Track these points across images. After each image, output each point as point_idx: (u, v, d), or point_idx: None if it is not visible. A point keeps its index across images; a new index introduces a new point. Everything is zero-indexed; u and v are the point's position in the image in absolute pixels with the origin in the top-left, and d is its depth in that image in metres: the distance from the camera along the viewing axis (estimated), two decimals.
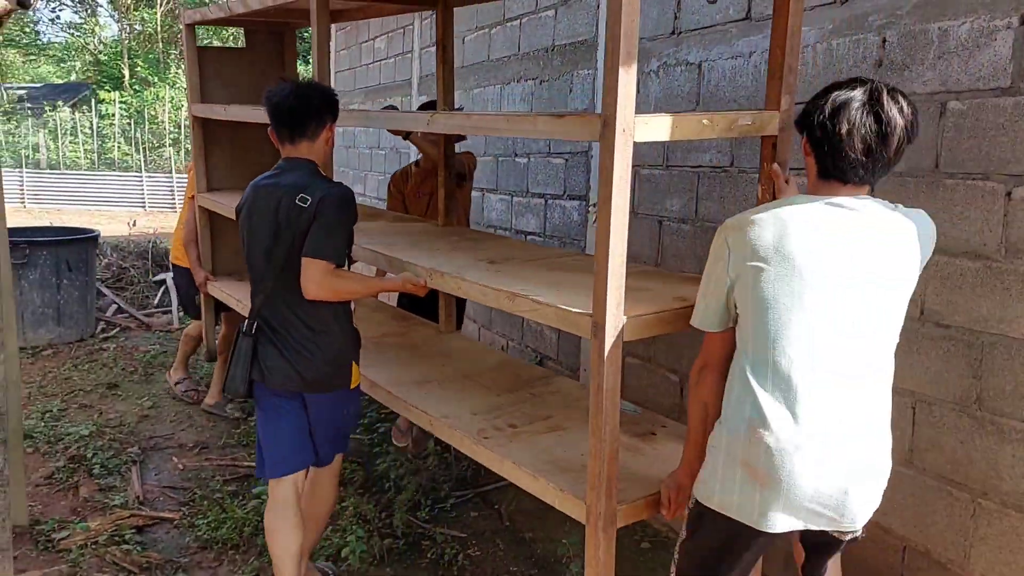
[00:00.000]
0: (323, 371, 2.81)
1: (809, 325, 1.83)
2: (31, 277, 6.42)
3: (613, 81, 1.99)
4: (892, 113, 1.81)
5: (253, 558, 3.42)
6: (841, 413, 1.84)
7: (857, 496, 1.88)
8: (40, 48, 32.92)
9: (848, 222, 1.84)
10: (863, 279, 1.83)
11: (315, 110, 2.83)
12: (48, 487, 4.02)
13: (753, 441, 1.86)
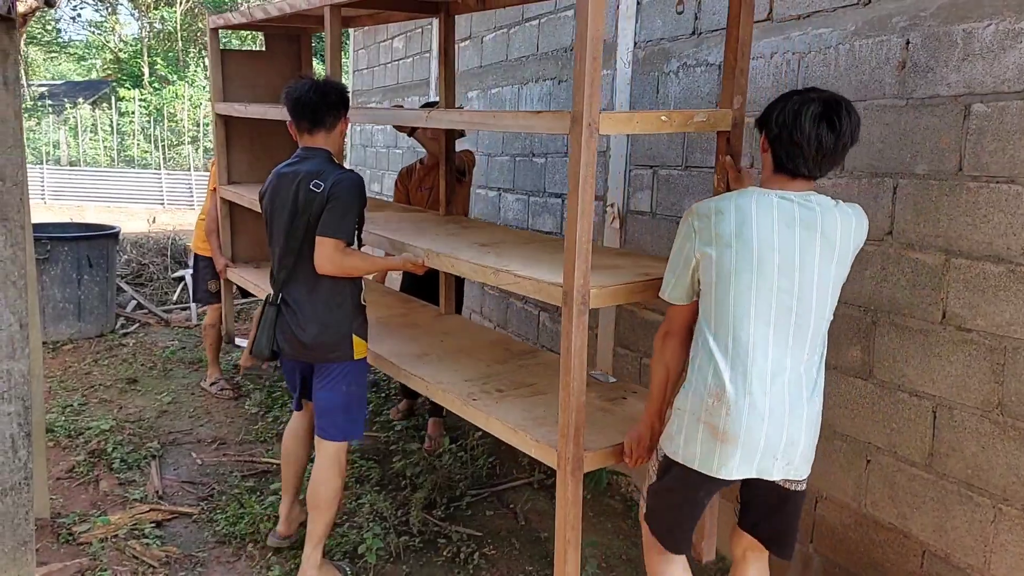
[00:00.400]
0: (324, 341, 3.08)
1: (763, 302, 2.14)
2: (52, 273, 6.48)
3: (580, 81, 2.27)
4: (844, 122, 2.10)
5: (271, 553, 3.44)
6: (789, 378, 2.17)
7: (802, 447, 2.22)
8: (61, 46, 33.20)
9: (797, 214, 2.14)
10: (808, 263, 2.13)
11: (332, 104, 3.11)
12: (69, 481, 4.06)
13: (714, 404, 2.19)
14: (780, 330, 2.15)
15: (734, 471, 2.21)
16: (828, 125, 2.10)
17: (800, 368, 2.18)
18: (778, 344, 2.16)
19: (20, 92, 2.44)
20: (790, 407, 2.17)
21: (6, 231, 2.40)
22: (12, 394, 2.45)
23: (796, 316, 2.15)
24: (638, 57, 3.96)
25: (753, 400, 2.15)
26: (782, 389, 2.16)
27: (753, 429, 2.16)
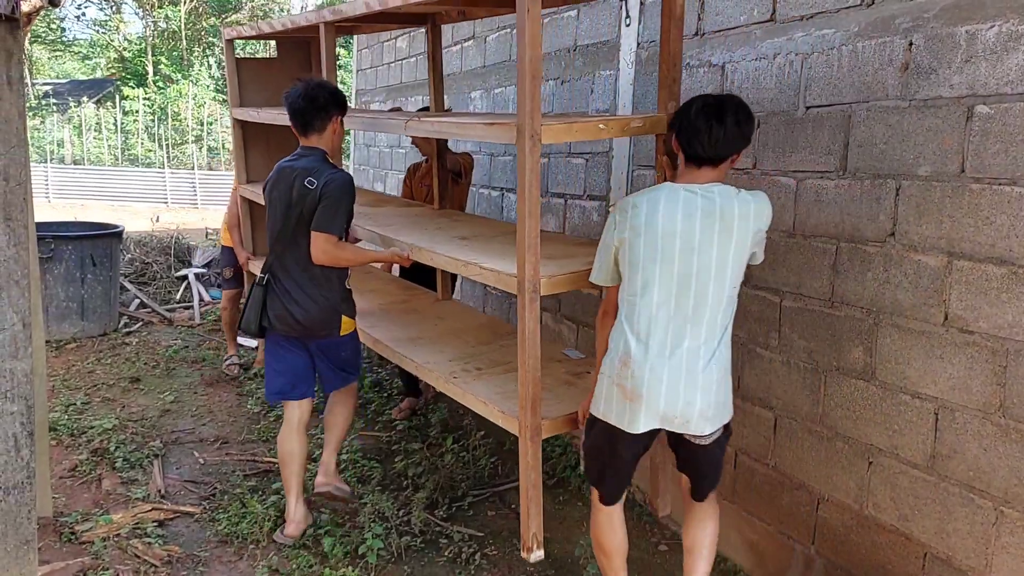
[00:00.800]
0: (316, 320, 3.42)
1: (665, 283, 2.49)
2: (56, 271, 6.49)
3: (522, 95, 2.55)
4: (730, 115, 2.49)
5: (273, 553, 3.45)
6: (688, 348, 2.51)
7: (699, 408, 2.53)
8: (66, 45, 33.25)
9: (699, 203, 2.47)
10: (706, 247, 2.46)
11: (321, 107, 3.41)
12: (72, 480, 4.07)
13: (623, 368, 2.55)
14: (680, 306, 2.50)
15: (640, 426, 2.57)
16: (716, 118, 2.49)
17: (700, 340, 2.51)
18: (678, 318, 2.50)
19: (24, 91, 2.44)
20: (687, 373, 2.51)
21: (9, 230, 2.40)
22: (15, 393, 2.46)
23: (695, 294, 2.48)
24: (641, 58, 3.96)
25: (653, 366, 2.51)
26: (680, 357, 2.51)
27: (653, 390, 2.52)
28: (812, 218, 3.02)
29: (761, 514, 3.35)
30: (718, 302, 2.51)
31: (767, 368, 3.27)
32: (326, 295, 3.42)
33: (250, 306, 3.49)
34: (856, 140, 2.83)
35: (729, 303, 2.55)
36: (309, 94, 3.39)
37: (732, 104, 2.54)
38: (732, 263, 2.49)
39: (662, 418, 2.56)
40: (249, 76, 5.53)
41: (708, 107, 2.51)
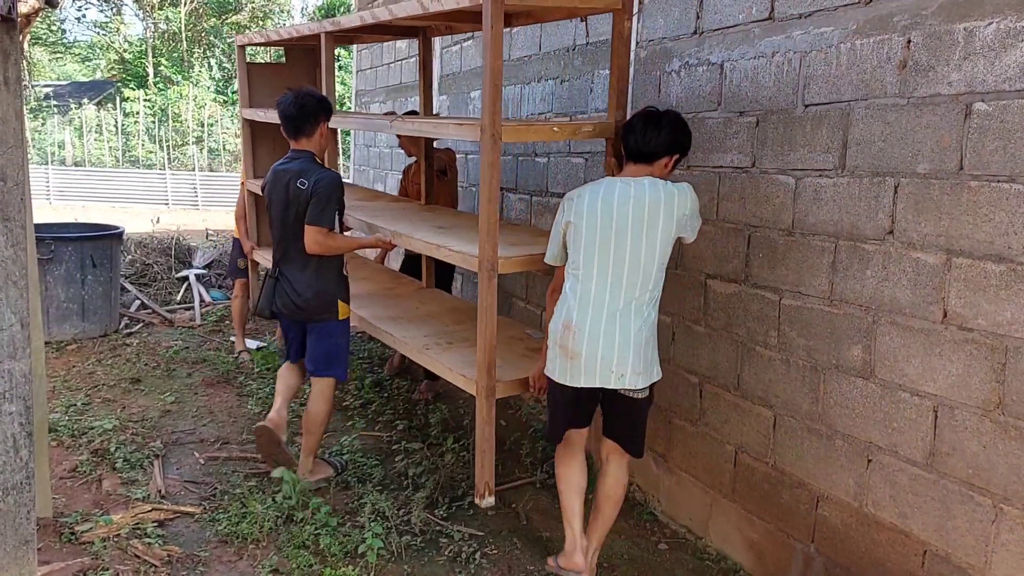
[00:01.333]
0: (314, 304, 3.87)
1: (600, 259, 2.95)
2: (56, 273, 6.49)
3: (486, 100, 3.08)
4: (664, 122, 3.00)
5: (273, 553, 3.45)
6: (621, 313, 2.95)
7: (631, 364, 2.96)
8: (66, 46, 33.28)
9: (630, 192, 2.93)
10: (635, 229, 2.90)
11: (310, 114, 3.82)
12: (72, 480, 4.07)
13: (564, 331, 3.01)
14: (613, 278, 2.95)
15: (581, 380, 3.01)
16: (653, 123, 3.00)
17: (630, 306, 2.96)
18: (612, 289, 2.95)
19: (22, 92, 2.44)
20: (619, 334, 2.95)
21: (7, 231, 2.40)
22: (13, 394, 2.46)
23: (627, 268, 2.93)
24: (640, 56, 3.96)
25: (589, 328, 2.95)
26: (613, 321, 2.95)
27: (589, 349, 2.96)
28: (811, 216, 3.02)
29: (760, 512, 3.35)
30: (647, 275, 2.96)
31: (766, 366, 3.27)
32: (323, 284, 3.86)
33: (264, 294, 4.00)
34: (855, 138, 2.83)
35: (658, 276, 3.00)
36: (299, 102, 3.79)
37: (671, 115, 3.04)
38: (659, 242, 2.94)
39: (600, 375, 2.98)
40: (258, 80, 6.00)
41: (649, 115, 3.03)
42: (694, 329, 3.68)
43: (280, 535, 3.59)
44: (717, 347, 3.54)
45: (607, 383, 2.99)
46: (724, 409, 3.52)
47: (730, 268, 3.44)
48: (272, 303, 3.96)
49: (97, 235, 6.98)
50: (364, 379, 5.73)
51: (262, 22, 30.13)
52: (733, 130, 3.38)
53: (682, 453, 3.80)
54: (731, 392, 3.47)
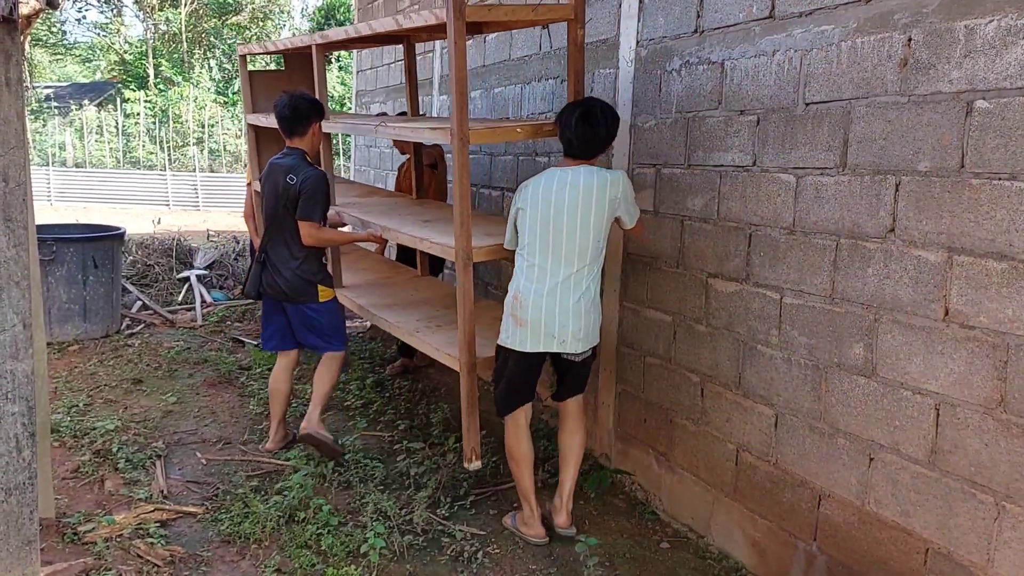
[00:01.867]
0: (295, 286, 4.26)
1: (544, 238, 3.34)
2: (58, 273, 6.49)
3: (455, 107, 3.45)
4: (600, 119, 3.35)
5: (275, 553, 3.45)
6: (561, 285, 3.34)
7: (571, 331, 3.37)
8: (67, 48, 33.31)
9: (568, 180, 3.33)
10: (572, 211, 3.30)
11: (303, 115, 4.21)
12: (74, 480, 4.07)
13: (515, 302, 3.42)
14: (555, 254, 3.34)
15: (528, 346, 3.41)
16: (588, 123, 3.34)
17: (570, 279, 3.34)
18: (554, 263, 3.35)
19: (23, 93, 2.44)
20: (560, 304, 3.35)
21: (10, 231, 2.41)
22: (16, 394, 2.46)
23: (566, 246, 3.32)
24: (640, 55, 3.96)
25: (536, 299, 3.35)
26: (555, 292, 3.34)
27: (534, 316, 3.36)
28: (812, 215, 3.02)
29: (763, 511, 3.35)
30: (584, 251, 3.34)
31: (768, 365, 3.27)
32: (303, 268, 4.26)
33: (251, 277, 4.42)
34: (856, 136, 2.83)
35: (594, 252, 3.37)
36: (293, 104, 4.20)
37: (606, 111, 3.37)
38: (594, 223, 3.32)
39: (544, 340, 3.39)
40: (261, 86, 6.25)
41: (583, 118, 3.34)
42: (695, 328, 3.68)
43: (282, 535, 3.59)
44: (718, 346, 3.54)
45: (551, 348, 3.41)
46: (726, 408, 3.52)
47: (731, 267, 3.44)
48: (259, 285, 4.36)
49: (98, 236, 6.98)
50: (366, 379, 5.73)
51: (262, 23, 30.16)
52: (734, 129, 3.38)
53: (684, 452, 3.80)
54: (733, 391, 3.47)
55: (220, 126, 25.34)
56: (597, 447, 4.47)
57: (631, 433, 4.20)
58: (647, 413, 4.05)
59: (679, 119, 3.71)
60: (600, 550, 3.57)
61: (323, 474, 4.17)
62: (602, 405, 4.41)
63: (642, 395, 4.08)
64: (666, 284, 3.86)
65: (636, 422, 4.15)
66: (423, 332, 4.17)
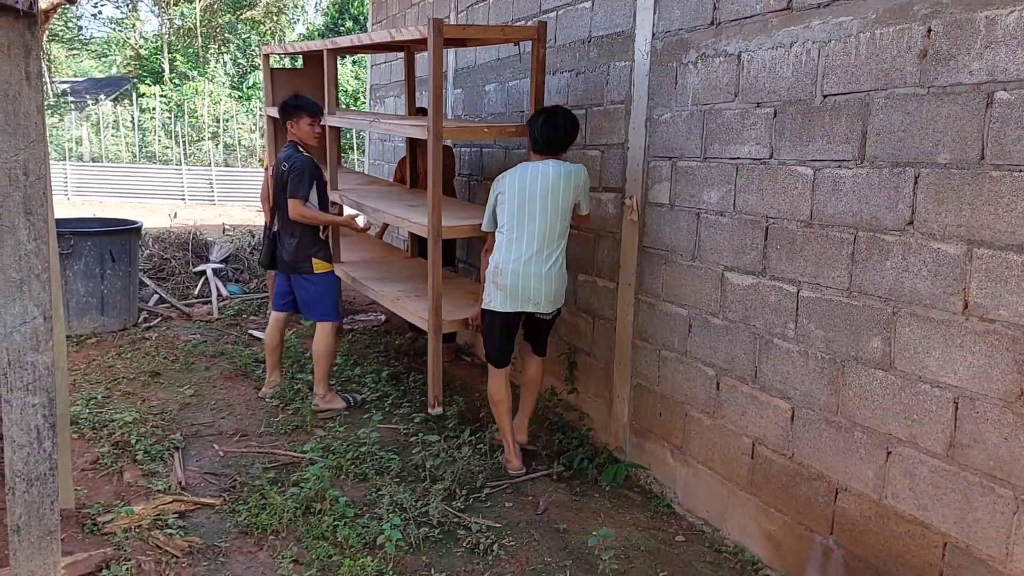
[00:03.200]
0: (294, 258, 4.98)
1: (519, 218, 4.00)
2: (76, 267, 6.54)
3: (431, 107, 4.13)
4: (560, 123, 4.02)
5: (292, 544, 3.48)
6: (535, 258, 4.00)
7: (543, 296, 4.05)
8: (83, 43, 33.47)
9: (539, 171, 4.00)
10: (541, 197, 3.96)
11: (292, 111, 4.94)
12: (93, 472, 4.11)
13: (496, 271, 4.06)
14: (529, 232, 3.99)
15: (508, 306, 4.08)
16: (550, 125, 4.02)
17: (542, 252, 4.00)
18: (528, 239, 4.00)
19: (42, 87, 2.46)
20: (534, 272, 4.01)
21: (30, 225, 2.43)
22: (37, 386, 2.49)
23: (538, 226, 3.98)
24: (656, 48, 3.95)
25: (515, 267, 4.01)
26: (528, 263, 4.00)
27: (512, 282, 4.02)
28: (829, 208, 3.01)
29: (779, 505, 3.34)
30: (554, 229, 4.01)
31: (784, 358, 3.26)
32: (299, 243, 4.94)
33: (265, 249, 5.30)
34: (874, 128, 2.82)
35: (561, 231, 4.04)
36: (289, 102, 4.97)
37: (562, 115, 4.04)
38: (560, 206, 3.99)
39: (521, 302, 4.05)
40: (280, 82, 6.91)
41: (547, 121, 4.02)
42: (711, 321, 3.67)
43: (299, 526, 3.61)
44: (734, 339, 3.54)
45: (526, 308, 4.09)
46: (742, 401, 3.51)
47: (748, 260, 3.43)
48: (271, 256, 5.15)
49: (116, 230, 7.02)
50: (381, 372, 5.75)
51: (276, 17, 30.21)
52: (751, 121, 3.37)
53: (699, 445, 3.80)
54: (749, 384, 3.46)
55: (235, 120, 25.43)
56: (612, 440, 4.47)
57: (646, 426, 4.19)
58: (662, 406, 4.05)
59: (695, 112, 3.70)
60: (615, 542, 3.58)
61: (339, 466, 4.20)
62: (617, 398, 4.41)
63: (657, 388, 4.08)
64: (682, 277, 3.85)
65: (651, 415, 4.14)
66: (403, 300, 4.86)
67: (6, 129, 2.37)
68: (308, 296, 5.04)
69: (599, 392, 4.62)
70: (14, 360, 2.45)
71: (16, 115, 2.38)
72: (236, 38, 30.00)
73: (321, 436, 4.68)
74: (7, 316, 2.43)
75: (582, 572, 3.39)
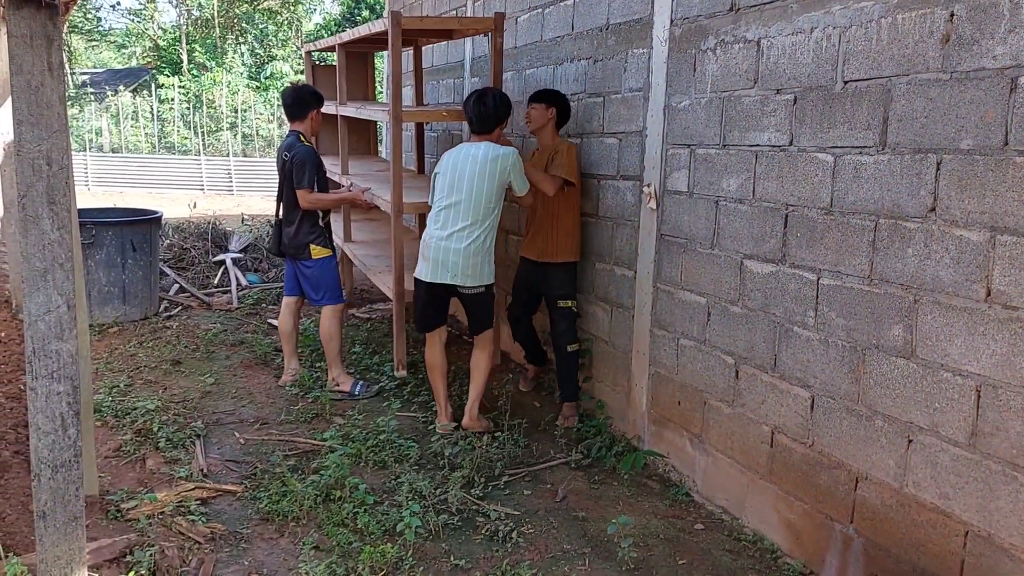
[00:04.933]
0: (294, 244, 5.16)
1: (446, 195, 4.37)
2: (98, 257, 6.60)
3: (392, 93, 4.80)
4: (489, 100, 4.44)
5: (313, 530, 3.51)
6: (456, 234, 4.32)
7: (461, 268, 4.34)
8: (102, 34, 33.64)
9: (470, 152, 4.36)
10: (469, 177, 4.29)
11: (301, 103, 5.13)
12: (117, 459, 4.16)
13: (423, 243, 4.44)
14: (455, 209, 4.33)
15: (428, 276, 4.41)
16: (480, 103, 4.41)
17: (465, 229, 4.30)
18: (453, 216, 4.33)
19: (64, 78, 2.48)
20: (454, 247, 4.31)
21: (54, 214, 2.45)
22: (61, 374, 2.52)
23: (463, 203, 4.30)
24: (674, 35, 3.92)
25: (437, 241, 4.35)
26: (450, 238, 4.32)
27: (436, 256, 4.36)
28: (850, 195, 2.99)
29: (799, 493, 3.33)
30: (478, 208, 4.29)
31: (804, 346, 3.25)
32: (297, 230, 5.12)
33: (272, 237, 5.38)
34: (896, 114, 2.79)
35: (486, 210, 4.31)
36: (294, 92, 5.20)
37: (491, 93, 4.47)
38: (487, 187, 4.28)
39: (440, 273, 4.36)
40: (322, 79, 7.51)
41: (478, 99, 4.42)
42: (730, 310, 3.66)
43: (319, 513, 3.64)
44: (754, 328, 3.52)
45: (445, 279, 4.36)
46: (761, 390, 3.50)
47: (767, 248, 3.41)
48: (278, 244, 5.28)
49: (137, 220, 7.08)
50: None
51: (293, 8, 30.22)
52: (770, 108, 3.35)
53: (718, 434, 3.79)
54: (768, 373, 3.45)
55: (253, 111, 25.51)
56: (630, 429, 4.47)
57: (665, 415, 4.19)
58: (681, 395, 4.04)
59: (714, 99, 3.68)
60: (634, 531, 3.58)
61: (359, 453, 4.22)
62: (635, 387, 4.40)
63: (676, 377, 4.07)
64: (700, 265, 3.83)
65: (670, 404, 4.14)
66: (383, 272, 5.54)
67: (29, 119, 2.39)
68: (309, 281, 5.20)
69: (617, 381, 4.62)
70: (39, 348, 2.48)
71: (39, 106, 2.40)
72: (253, 28, 30.05)
73: (340, 424, 4.71)
74: (32, 305, 2.46)
75: (601, 560, 3.40)
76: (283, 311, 5.45)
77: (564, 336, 4.70)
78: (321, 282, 5.18)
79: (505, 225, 5.63)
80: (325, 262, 5.19)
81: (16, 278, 6.29)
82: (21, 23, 2.35)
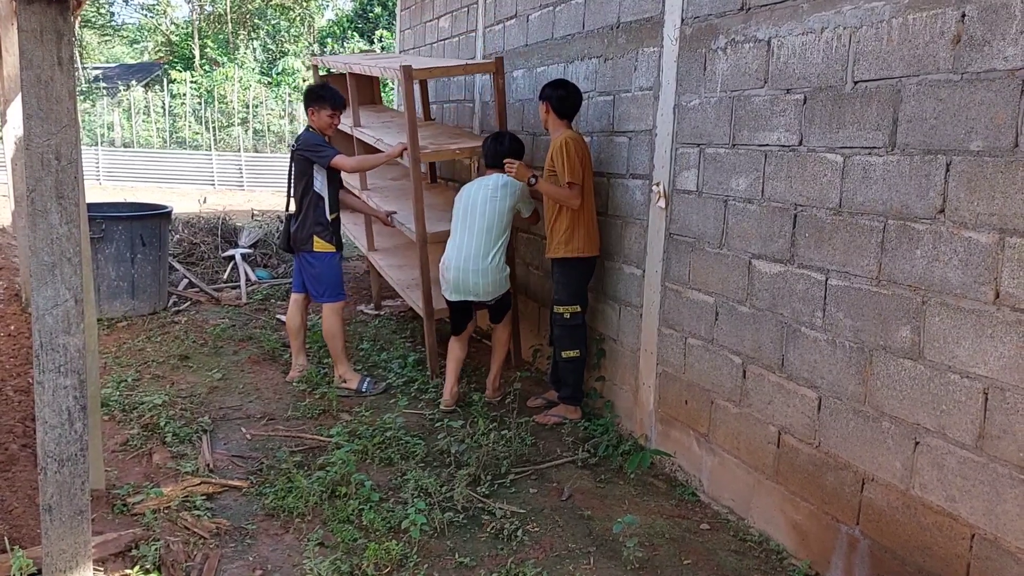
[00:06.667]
0: (298, 237, 5.22)
1: (462, 222, 4.84)
2: (107, 251, 6.62)
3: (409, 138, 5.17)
4: (504, 140, 4.90)
5: (318, 527, 3.51)
6: (474, 256, 4.75)
7: (481, 288, 4.80)
8: (114, 29, 33.79)
9: (484, 183, 4.86)
10: (481, 205, 4.78)
11: (314, 100, 5.25)
12: (123, 453, 4.17)
13: (443, 267, 4.86)
14: (469, 234, 4.78)
15: (451, 296, 4.89)
16: (497, 142, 4.91)
17: (479, 252, 4.74)
18: (468, 240, 4.77)
19: (74, 73, 2.49)
20: (472, 269, 4.75)
21: (62, 209, 2.46)
22: (68, 368, 2.53)
23: (477, 229, 4.76)
24: (685, 34, 3.91)
25: (456, 265, 4.77)
26: (468, 260, 4.75)
27: (455, 277, 4.79)
28: (859, 195, 2.97)
29: (804, 494, 3.32)
30: (491, 233, 4.76)
31: (812, 347, 3.23)
32: (303, 221, 5.18)
33: (283, 232, 5.46)
34: (905, 115, 2.77)
35: (498, 234, 4.78)
36: (315, 90, 5.36)
37: (507, 136, 4.95)
38: (499, 211, 4.76)
39: (462, 293, 4.83)
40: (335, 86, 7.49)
41: (493, 139, 4.94)
42: (738, 309, 3.64)
43: (325, 510, 3.65)
44: (761, 328, 3.51)
45: (467, 297, 4.84)
46: (768, 390, 3.49)
47: (775, 248, 3.40)
48: (288, 239, 5.33)
49: (146, 214, 7.10)
50: (407, 357, 5.78)
51: (305, 4, 30.27)
52: (780, 108, 3.33)
53: (725, 434, 3.78)
54: (775, 373, 3.44)
55: (264, 106, 25.57)
56: (637, 428, 4.47)
57: (671, 414, 4.18)
58: (688, 394, 4.03)
59: (724, 98, 3.67)
60: (640, 530, 3.58)
61: (365, 450, 4.23)
62: (642, 386, 4.40)
63: (683, 376, 4.06)
64: (708, 265, 3.82)
65: (677, 403, 4.13)
66: (411, 288, 5.82)
67: (38, 114, 2.40)
68: (311, 276, 5.24)
69: (624, 379, 4.61)
70: (46, 342, 2.49)
71: (48, 100, 2.41)
72: (266, 24, 30.11)
73: (347, 420, 4.72)
74: (39, 299, 2.47)
75: (606, 559, 3.40)
76: (291, 307, 5.48)
77: (558, 342, 4.77)
78: (323, 278, 5.21)
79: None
80: (329, 258, 5.22)
81: (26, 272, 6.32)
82: (31, 18, 2.35)
